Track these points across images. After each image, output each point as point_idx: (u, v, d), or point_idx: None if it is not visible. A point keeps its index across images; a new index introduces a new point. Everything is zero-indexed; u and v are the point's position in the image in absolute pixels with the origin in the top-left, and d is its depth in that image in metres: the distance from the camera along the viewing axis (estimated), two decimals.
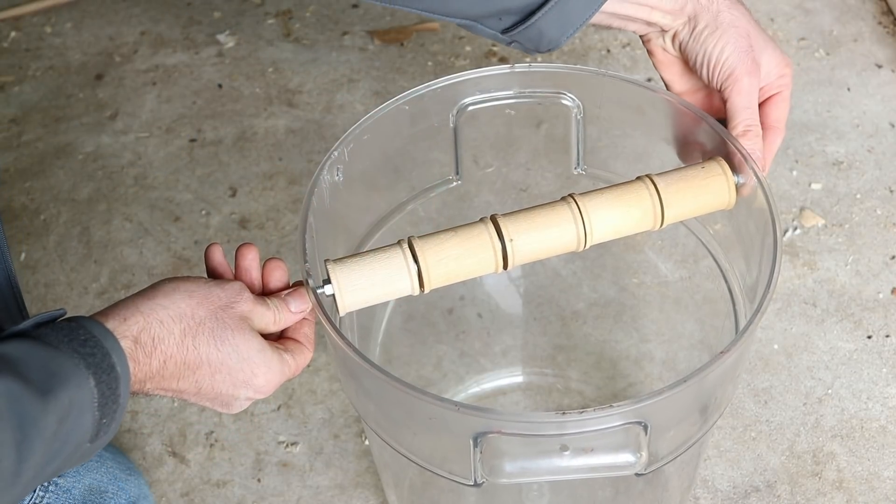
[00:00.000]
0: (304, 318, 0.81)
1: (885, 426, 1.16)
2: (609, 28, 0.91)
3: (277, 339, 0.81)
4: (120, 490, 0.99)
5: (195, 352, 0.73)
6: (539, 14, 0.86)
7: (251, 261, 0.81)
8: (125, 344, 0.70)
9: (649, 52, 0.93)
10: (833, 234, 1.32)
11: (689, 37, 0.88)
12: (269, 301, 0.79)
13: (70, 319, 0.70)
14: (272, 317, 0.78)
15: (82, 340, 0.68)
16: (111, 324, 0.71)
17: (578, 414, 0.73)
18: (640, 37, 0.93)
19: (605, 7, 0.87)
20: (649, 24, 0.90)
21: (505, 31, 0.89)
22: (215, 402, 0.77)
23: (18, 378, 0.64)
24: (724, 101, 0.88)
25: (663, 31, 0.90)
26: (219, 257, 0.82)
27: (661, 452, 0.81)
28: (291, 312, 0.80)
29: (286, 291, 0.80)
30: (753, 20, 0.89)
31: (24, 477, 0.64)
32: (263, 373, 0.76)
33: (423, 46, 1.58)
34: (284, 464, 1.16)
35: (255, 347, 0.76)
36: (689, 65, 0.91)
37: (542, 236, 0.82)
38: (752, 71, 0.87)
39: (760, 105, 0.90)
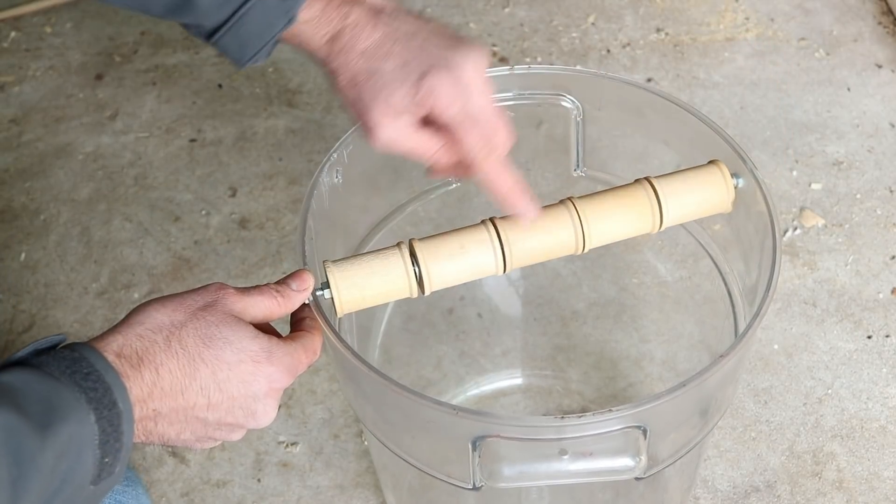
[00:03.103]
0: (302, 311, 0.79)
1: (885, 426, 1.16)
2: None
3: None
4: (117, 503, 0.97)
5: (185, 353, 0.70)
6: (216, 37, 0.86)
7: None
8: (109, 358, 0.67)
9: None
10: (833, 234, 1.32)
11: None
12: (263, 287, 0.76)
13: (71, 349, 0.67)
14: (273, 301, 0.76)
15: (85, 374, 0.65)
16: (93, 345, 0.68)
17: (577, 418, 0.73)
18: None
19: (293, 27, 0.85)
20: None
21: (207, 39, 0.88)
22: (237, 413, 0.73)
23: (17, 410, 0.62)
24: None
25: None
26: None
27: (660, 456, 0.81)
28: (293, 290, 0.77)
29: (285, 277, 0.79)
30: None
31: None
32: (265, 358, 0.72)
33: None
34: (284, 464, 1.16)
35: (248, 335, 0.72)
36: None
37: (541, 240, 0.82)
38: None
39: None
